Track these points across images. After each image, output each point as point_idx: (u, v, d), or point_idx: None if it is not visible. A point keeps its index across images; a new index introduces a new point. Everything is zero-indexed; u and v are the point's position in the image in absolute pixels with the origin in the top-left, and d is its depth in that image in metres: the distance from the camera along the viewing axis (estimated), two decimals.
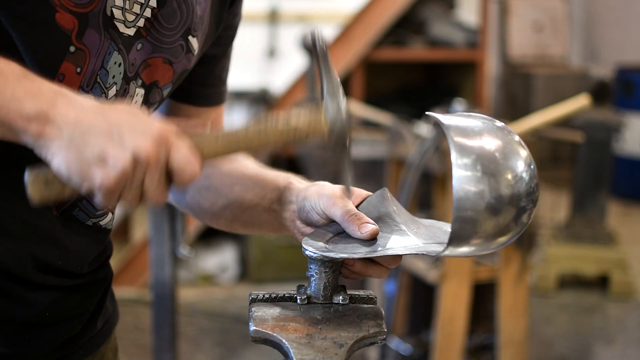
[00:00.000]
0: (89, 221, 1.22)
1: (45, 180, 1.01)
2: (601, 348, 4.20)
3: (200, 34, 1.25)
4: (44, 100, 0.98)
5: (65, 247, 1.19)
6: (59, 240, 1.18)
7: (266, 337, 1.04)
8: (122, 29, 1.15)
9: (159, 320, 3.09)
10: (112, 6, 1.13)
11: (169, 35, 1.20)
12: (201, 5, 1.24)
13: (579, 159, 5.03)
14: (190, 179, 1.01)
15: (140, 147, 0.97)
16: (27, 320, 1.18)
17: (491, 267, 3.28)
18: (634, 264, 5.13)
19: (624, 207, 6.75)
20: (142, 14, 1.17)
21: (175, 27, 1.20)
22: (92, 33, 1.12)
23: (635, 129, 6.53)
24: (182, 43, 1.22)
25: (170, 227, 3.00)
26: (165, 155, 0.99)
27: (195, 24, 1.23)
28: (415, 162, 3.26)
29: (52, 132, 0.98)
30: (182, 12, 1.21)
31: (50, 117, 0.98)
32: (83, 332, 1.26)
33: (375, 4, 5.45)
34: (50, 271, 1.18)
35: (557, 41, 8.02)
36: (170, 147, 0.99)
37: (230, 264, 4.98)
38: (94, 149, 0.97)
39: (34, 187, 1.01)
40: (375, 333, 1.05)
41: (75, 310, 1.23)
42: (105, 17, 1.13)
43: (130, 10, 1.15)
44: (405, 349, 3.59)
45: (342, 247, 1.14)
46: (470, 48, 5.81)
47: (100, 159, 0.97)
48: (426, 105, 4.55)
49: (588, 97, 3.37)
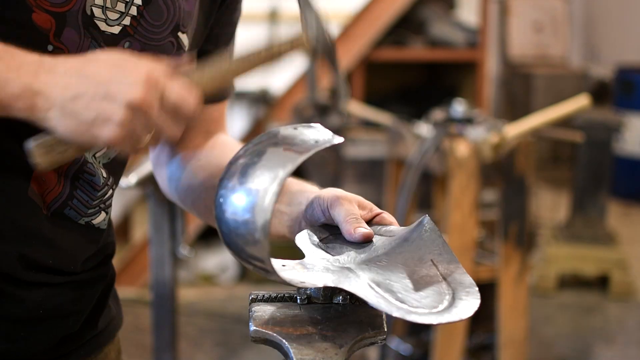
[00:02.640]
0: (81, 220, 1.22)
1: (49, 145, 1.03)
2: (601, 348, 4.20)
3: (190, 30, 1.25)
4: (27, 74, 1.00)
5: (56, 246, 1.19)
6: (49, 239, 1.18)
7: (266, 337, 1.04)
8: (103, 28, 1.15)
9: (159, 320, 3.08)
10: (91, 5, 1.13)
11: (157, 33, 1.20)
12: (189, 1, 1.24)
13: (579, 159, 5.03)
14: (189, 110, 1.04)
15: (131, 96, 0.99)
16: (21, 317, 1.18)
17: (491, 267, 3.28)
18: (634, 264, 5.13)
19: (624, 207, 6.75)
20: (127, 12, 1.17)
21: (163, 24, 1.20)
22: (70, 32, 1.12)
23: (635, 129, 6.53)
24: (172, 40, 1.22)
25: (170, 227, 3.00)
26: (159, 96, 1.01)
27: (184, 20, 1.23)
28: (415, 162, 3.26)
29: (42, 104, 0.99)
30: (169, 8, 1.21)
31: (36, 90, 0.99)
32: (82, 331, 1.26)
33: (375, 4, 5.45)
34: (41, 269, 1.18)
35: (557, 41, 8.02)
36: (162, 86, 1.02)
37: (230, 264, 4.98)
38: (89, 112, 0.99)
39: (39, 153, 1.03)
40: (375, 333, 1.05)
41: (71, 307, 1.23)
42: (85, 16, 1.13)
43: (113, 8, 1.15)
44: (405, 349, 3.59)
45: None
46: (470, 48, 5.81)
47: (98, 119, 0.99)
48: (426, 105, 4.56)
49: (588, 97, 3.37)
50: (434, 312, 1.01)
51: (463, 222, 3.15)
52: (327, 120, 4.15)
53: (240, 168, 1.05)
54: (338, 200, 1.18)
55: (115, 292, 1.36)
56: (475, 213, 3.16)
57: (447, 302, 1.04)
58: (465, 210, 3.13)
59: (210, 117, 1.38)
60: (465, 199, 3.13)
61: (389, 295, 1.03)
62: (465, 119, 3.32)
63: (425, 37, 5.78)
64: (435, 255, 1.11)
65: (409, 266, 1.10)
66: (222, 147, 1.36)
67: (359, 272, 1.08)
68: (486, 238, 3.51)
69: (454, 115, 3.37)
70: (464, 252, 3.16)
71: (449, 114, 3.38)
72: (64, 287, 1.22)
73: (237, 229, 1.02)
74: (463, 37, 5.80)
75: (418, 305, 1.02)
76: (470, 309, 1.03)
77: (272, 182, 1.01)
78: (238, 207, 1.02)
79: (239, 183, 1.03)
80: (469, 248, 3.17)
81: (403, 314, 0.99)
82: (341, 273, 1.08)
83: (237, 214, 1.02)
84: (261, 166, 1.03)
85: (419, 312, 1.01)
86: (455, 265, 1.10)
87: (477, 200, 3.17)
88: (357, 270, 1.09)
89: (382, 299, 1.02)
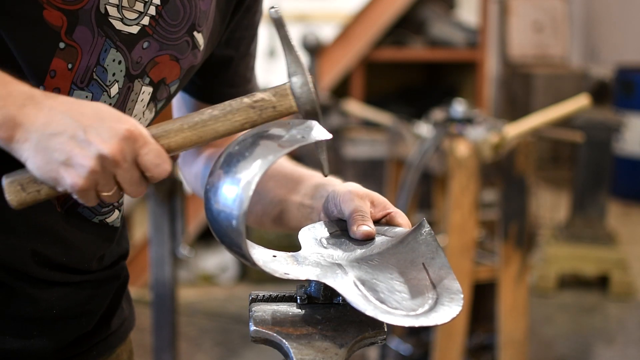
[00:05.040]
0: (95, 218, 1.22)
1: (22, 184, 1.03)
2: (601, 348, 4.20)
3: (205, 30, 1.25)
4: (13, 104, 1.00)
5: (70, 244, 1.19)
6: (62, 237, 1.18)
7: (266, 337, 1.04)
8: (119, 27, 1.15)
9: (159, 320, 3.09)
10: (106, 3, 1.13)
11: (174, 32, 1.20)
12: (205, 1, 1.24)
13: (579, 159, 5.03)
14: (160, 175, 1.03)
15: (105, 148, 0.99)
16: (34, 316, 1.18)
17: (491, 267, 3.28)
18: (634, 264, 5.13)
19: (624, 207, 6.75)
20: (146, 12, 1.17)
21: (180, 23, 1.21)
22: (83, 30, 1.12)
23: (635, 129, 6.53)
24: (187, 39, 1.22)
25: (170, 227, 3.01)
26: (132, 154, 1.01)
27: (200, 19, 1.23)
28: (415, 162, 3.26)
29: (21, 136, 0.99)
30: (186, 8, 1.21)
31: (18, 122, 0.99)
32: (96, 331, 1.27)
33: (375, 4, 5.46)
34: (55, 267, 1.18)
35: (557, 41, 8.02)
36: (138, 146, 1.01)
37: (230, 264, 4.98)
38: (60, 152, 0.99)
39: (10, 191, 1.03)
40: (375, 333, 1.05)
41: (84, 307, 1.23)
42: (98, 15, 1.13)
43: (131, 7, 1.15)
44: (405, 349, 3.59)
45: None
46: (470, 48, 5.81)
47: (67, 161, 0.99)
48: (426, 105, 4.56)
49: (588, 97, 3.37)
50: (411, 315, 1.01)
51: (463, 222, 3.15)
52: (327, 121, 4.15)
53: (224, 157, 1.07)
54: (350, 195, 1.18)
55: (129, 293, 1.36)
56: (475, 213, 3.16)
57: (428, 306, 1.03)
58: (465, 210, 3.13)
59: None
60: (465, 199, 3.13)
61: (370, 294, 1.03)
62: (465, 119, 3.32)
63: (425, 37, 5.78)
64: (427, 259, 1.12)
65: (399, 267, 1.11)
66: None
67: (348, 269, 1.09)
68: (486, 238, 3.51)
69: (454, 115, 3.37)
70: (464, 252, 3.16)
71: (449, 114, 3.38)
72: (78, 287, 1.22)
73: (218, 215, 1.04)
74: (463, 37, 5.80)
75: (397, 307, 1.02)
76: (449, 316, 1.02)
77: (252, 173, 1.02)
78: (220, 195, 1.04)
79: (223, 172, 1.05)
80: (469, 248, 3.17)
81: (377, 314, 0.99)
82: (329, 269, 1.09)
83: (219, 202, 1.04)
84: (245, 157, 1.05)
85: (395, 314, 1.01)
86: (446, 270, 1.09)
87: (477, 200, 3.17)
88: (347, 267, 1.09)
89: (361, 297, 1.02)
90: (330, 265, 1.10)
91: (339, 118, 4.46)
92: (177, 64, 1.22)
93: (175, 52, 1.21)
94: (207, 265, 4.97)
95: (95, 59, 1.14)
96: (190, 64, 1.25)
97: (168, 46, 1.20)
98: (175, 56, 1.21)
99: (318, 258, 1.12)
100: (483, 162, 3.14)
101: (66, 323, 1.21)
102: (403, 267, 1.10)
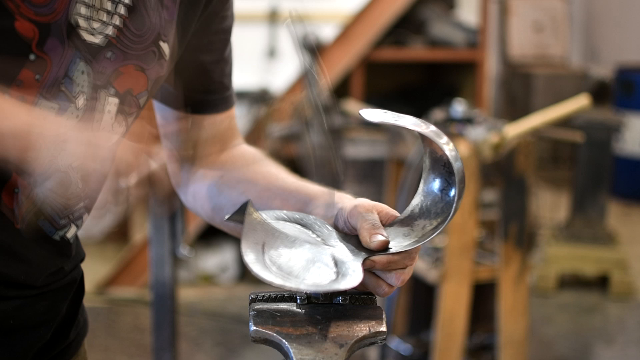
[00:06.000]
0: (55, 234, 1.20)
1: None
2: (601, 348, 4.20)
3: (171, 39, 1.24)
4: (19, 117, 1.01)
5: (28, 262, 1.17)
6: (20, 254, 1.16)
7: (266, 337, 1.04)
8: (87, 38, 1.14)
9: (159, 320, 3.09)
10: (76, 15, 1.12)
11: (139, 42, 1.19)
12: (169, 10, 1.22)
13: (579, 159, 5.02)
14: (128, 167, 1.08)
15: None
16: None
17: (491, 267, 3.28)
18: (634, 264, 5.13)
19: (624, 207, 6.75)
20: (111, 22, 1.16)
21: (145, 33, 1.19)
22: (54, 42, 1.11)
23: (635, 129, 6.53)
24: (153, 49, 1.20)
25: (170, 227, 3.00)
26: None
27: (165, 29, 1.22)
28: (415, 162, 3.26)
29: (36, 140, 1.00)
30: (151, 18, 1.19)
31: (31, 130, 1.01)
32: (54, 341, 1.25)
33: (375, 4, 5.45)
34: (11, 285, 1.16)
35: (557, 41, 8.02)
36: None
37: (230, 264, 4.98)
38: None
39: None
40: (375, 333, 1.05)
41: (42, 316, 1.21)
42: (69, 26, 1.12)
43: (97, 18, 1.14)
44: (405, 349, 3.59)
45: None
46: (470, 48, 5.81)
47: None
48: (426, 105, 4.56)
49: (588, 97, 3.37)
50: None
51: (463, 222, 3.15)
52: (327, 121, 4.15)
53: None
54: (355, 208, 1.16)
55: (83, 301, 1.33)
56: (475, 213, 3.16)
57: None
58: (465, 210, 3.13)
59: (220, 127, 1.36)
60: (465, 199, 3.13)
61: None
62: (465, 119, 3.32)
63: (425, 37, 5.78)
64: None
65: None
66: (242, 161, 1.35)
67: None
68: (486, 238, 3.51)
69: (454, 115, 3.37)
70: (464, 252, 3.16)
71: (449, 114, 3.38)
72: (35, 298, 1.20)
73: None
74: (463, 37, 5.80)
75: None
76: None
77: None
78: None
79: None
80: (469, 248, 3.17)
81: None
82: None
83: None
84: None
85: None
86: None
87: (477, 200, 3.17)
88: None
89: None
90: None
91: (339, 118, 4.46)
92: (144, 75, 1.21)
93: (141, 63, 1.19)
94: (207, 265, 4.97)
95: (64, 71, 1.13)
96: (158, 75, 1.23)
97: (133, 56, 1.18)
98: (141, 66, 1.20)
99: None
100: (483, 162, 3.14)
101: (25, 334, 1.19)
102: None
